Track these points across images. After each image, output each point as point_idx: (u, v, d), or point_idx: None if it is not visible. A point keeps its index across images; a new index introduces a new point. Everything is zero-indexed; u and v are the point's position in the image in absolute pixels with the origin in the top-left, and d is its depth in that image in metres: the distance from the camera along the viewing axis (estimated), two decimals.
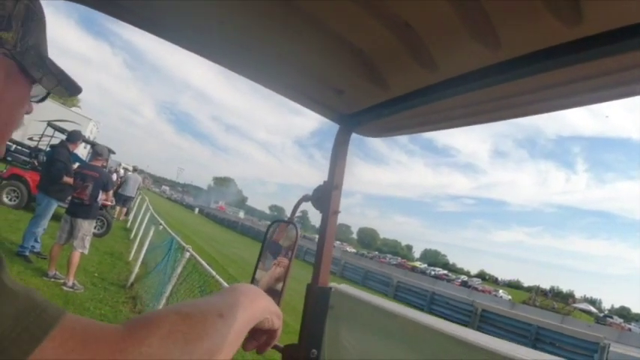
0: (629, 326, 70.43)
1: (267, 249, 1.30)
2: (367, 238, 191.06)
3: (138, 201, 17.58)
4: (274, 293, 1.21)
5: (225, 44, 1.16)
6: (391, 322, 1.26)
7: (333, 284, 1.41)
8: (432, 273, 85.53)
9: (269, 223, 1.34)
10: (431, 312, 23.40)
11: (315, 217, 1.41)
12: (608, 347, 17.88)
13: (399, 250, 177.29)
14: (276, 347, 1.34)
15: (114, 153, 14.44)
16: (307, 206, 1.42)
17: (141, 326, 0.51)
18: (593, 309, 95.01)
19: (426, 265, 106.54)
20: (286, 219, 1.32)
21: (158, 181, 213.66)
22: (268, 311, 0.77)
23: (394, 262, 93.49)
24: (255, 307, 0.71)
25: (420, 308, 24.09)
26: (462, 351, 1.02)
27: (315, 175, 1.43)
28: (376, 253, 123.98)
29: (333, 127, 1.45)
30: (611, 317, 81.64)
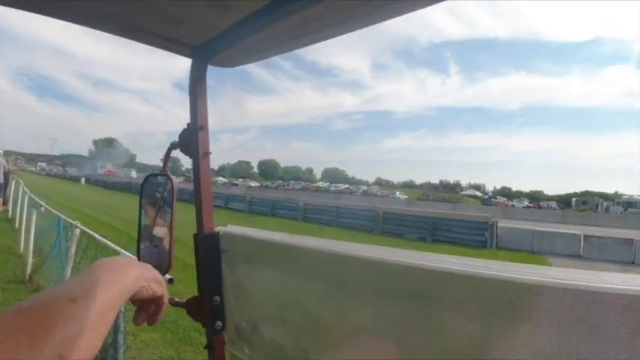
0: (512, 202, 79.60)
1: (146, 207, 1.25)
2: (269, 170, 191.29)
3: (13, 186, 16.05)
4: (163, 252, 1.19)
5: None
6: (285, 254, 1.27)
7: (219, 227, 1.38)
8: (335, 189, 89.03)
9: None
10: (339, 225, 24.59)
11: (212, 161, 1.35)
12: (497, 224, 20.10)
13: (301, 175, 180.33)
14: (178, 304, 1.32)
15: None
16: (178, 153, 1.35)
17: None
18: (479, 193, 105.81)
19: (328, 184, 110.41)
20: (159, 172, 1.27)
21: (33, 159, 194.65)
22: (143, 279, 0.73)
23: (298, 187, 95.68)
24: (122, 279, 0.66)
25: (328, 224, 25.25)
26: (357, 268, 1.04)
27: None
28: (280, 182, 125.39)
29: None
30: (495, 197, 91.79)
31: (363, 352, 1.09)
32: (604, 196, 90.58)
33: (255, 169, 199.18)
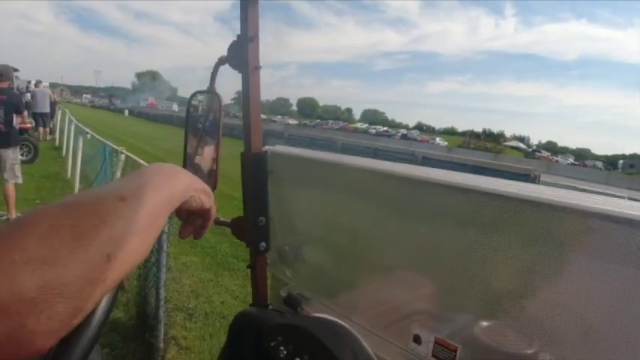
0: (557, 158, 77.08)
1: (192, 125, 1.22)
2: (307, 108, 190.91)
3: (59, 116, 16.56)
4: (210, 171, 1.17)
5: None
6: (334, 173, 1.24)
7: (268, 147, 1.34)
8: (374, 131, 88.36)
9: None
10: None
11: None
12: (539, 177, 19.45)
13: (339, 115, 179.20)
14: (223, 223, 1.32)
15: (17, 70, 13.19)
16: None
17: (11, 230, 0.42)
18: (522, 145, 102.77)
19: (367, 125, 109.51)
20: (207, 89, 1.23)
21: (78, 90, 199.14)
22: (192, 188, 0.70)
23: (337, 127, 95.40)
24: (173, 185, 0.63)
25: None
26: (407, 188, 1.01)
27: None
28: (318, 120, 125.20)
29: None
30: (540, 152, 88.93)
31: (410, 278, 1.07)
32: None
33: (294, 107, 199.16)
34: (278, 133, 36.10)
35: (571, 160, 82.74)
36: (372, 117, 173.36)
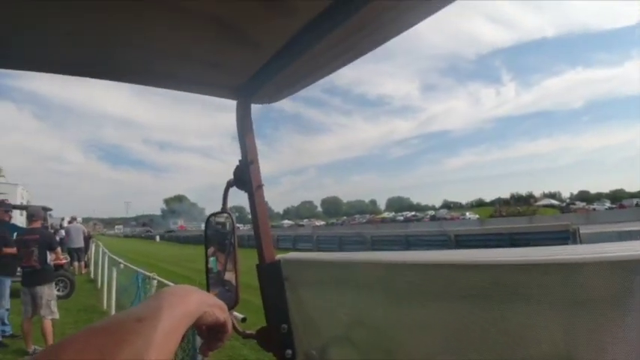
0: (593, 207, 74.48)
1: (212, 246, 1.30)
2: (332, 207, 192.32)
3: (93, 249, 17.04)
4: (232, 286, 1.22)
5: (80, 52, 1.12)
6: (346, 271, 1.27)
7: (280, 255, 1.41)
8: (402, 218, 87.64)
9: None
10: None
11: (276, 205, 1.40)
12: (578, 230, 18.72)
13: (364, 208, 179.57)
14: (249, 335, 1.35)
15: (50, 210, 13.91)
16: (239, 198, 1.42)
17: (51, 351, 0.49)
18: (555, 202, 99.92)
19: (393, 214, 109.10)
20: (220, 210, 1.32)
21: (110, 222, 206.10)
22: (205, 305, 0.75)
23: (364, 221, 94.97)
24: (186, 303, 0.68)
25: None
26: (422, 274, 1.02)
27: (265, 161, 1.41)
28: (344, 217, 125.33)
29: (263, 112, 1.45)
30: (574, 204, 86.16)
31: None
32: None
33: (319, 208, 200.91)
34: (307, 237, 36.14)
35: (608, 204, 79.82)
36: (397, 204, 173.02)
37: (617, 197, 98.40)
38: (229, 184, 1.38)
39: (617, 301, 0.68)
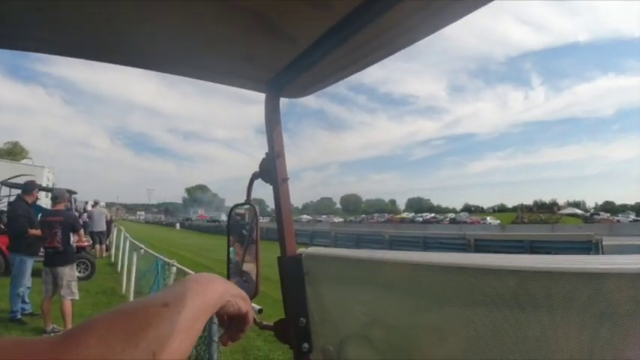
0: (617, 218, 72.97)
1: (233, 236, 1.31)
2: (351, 205, 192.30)
3: (115, 233, 17.35)
4: (250, 278, 1.23)
5: (122, 41, 1.14)
6: (367, 270, 1.26)
7: (301, 249, 1.41)
8: (421, 219, 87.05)
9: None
10: None
11: (296, 200, 1.39)
12: (601, 242, 18.35)
13: (384, 207, 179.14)
14: (267, 327, 1.36)
15: (75, 193, 14.18)
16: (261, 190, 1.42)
17: (76, 331, 0.49)
18: (579, 211, 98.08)
19: (413, 214, 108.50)
20: (244, 202, 1.32)
21: (132, 208, 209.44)
22: (228, 294, 0.76)
23: (383, 220, 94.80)
24: (210, 291, 0.69)
25: None
26: (443, 276, 1.01)
27: (286, 155, 1.41)
28: (363, 216, 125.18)
29: (290, 105, 1.44)
30: (598, 214, 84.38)
31: None
32: None
33: (338, 205, 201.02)
34: (325, 233, 36.20)
35: (632, 216, 77.77)
36: (417, 205, 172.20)
37: None
38: (254, 176, 1.39)
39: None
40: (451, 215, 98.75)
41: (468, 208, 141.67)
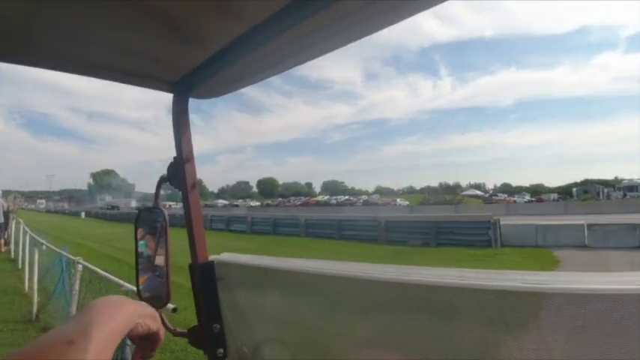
0: (514, 199, 79.10)
1: (141, 241, 1.27)
2: (268, 188, 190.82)
3: (13, 226, 16.08)
4: (162, 283, 1.21)
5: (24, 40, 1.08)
6: (278, 278, 1.30)
7: (213, 256, 1.41)
8: (335, 202, 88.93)
9: (164, 203, 1.31)
10: (343, 237, 24.58)
11: (211, 184, 1.34)
12: (499, 221, 19.94)
13: (300, 190, 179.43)
14: (181, 334, 1.35)
15: None
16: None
17: None
18: (479, 192, 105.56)
19: (328, 197, 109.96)
20: (151, 206, 1.29)
21: (31, 196, 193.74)
22: (137, 315, 0.76)
23: (299, 203, 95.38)
24: (118, 318, 0.69)
25: (332, 237, 25.26)
26: (346, 286, 1.08)
27: (200, 137, 1.35)
28: (280, 199, 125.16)
29: None
30: (496, 195, 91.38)
31: None
32: (605, 183, 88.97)
33: (255, 189, 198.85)
34: (241, 218, 35.78)
35: (527, 197, 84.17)
36: (332, 188, 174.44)
37: (537, 191, 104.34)
38: (162, 180, 1.35)
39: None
40: (364, 197, 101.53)
41: (379, 190, 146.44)
